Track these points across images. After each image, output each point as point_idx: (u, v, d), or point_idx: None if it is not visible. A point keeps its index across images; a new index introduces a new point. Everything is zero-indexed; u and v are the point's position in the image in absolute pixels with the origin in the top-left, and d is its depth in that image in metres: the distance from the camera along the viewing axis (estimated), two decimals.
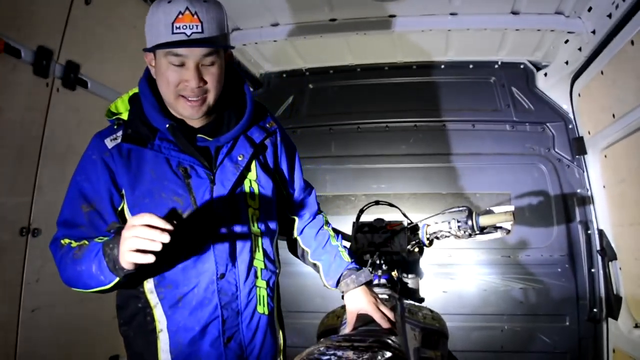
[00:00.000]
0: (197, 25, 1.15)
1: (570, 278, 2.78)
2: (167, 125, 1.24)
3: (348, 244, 1.93)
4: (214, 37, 1.18)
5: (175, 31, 1.14)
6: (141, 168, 1.25)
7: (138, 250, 1.01)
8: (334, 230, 1.62)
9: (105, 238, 1.16)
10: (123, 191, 1.25)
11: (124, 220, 1.24)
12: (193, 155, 1.26)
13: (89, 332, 2.12)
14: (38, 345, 1.81)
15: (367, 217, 2.04)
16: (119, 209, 1.26)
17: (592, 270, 2.75)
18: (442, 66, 3.18)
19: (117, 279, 1.12)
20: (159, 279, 1.27)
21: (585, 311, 2.74)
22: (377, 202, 2.11)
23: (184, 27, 1.14)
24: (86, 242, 1.19)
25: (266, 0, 2.54)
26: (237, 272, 1.30)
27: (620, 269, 2.57)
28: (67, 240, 1.22)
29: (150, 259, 1.01)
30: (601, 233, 2.69)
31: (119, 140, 1.26)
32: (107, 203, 1.24)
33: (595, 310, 2.71)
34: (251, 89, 1.52)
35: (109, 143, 1.25)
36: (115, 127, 1.29)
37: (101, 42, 2.05)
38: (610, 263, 2.62)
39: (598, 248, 2.72)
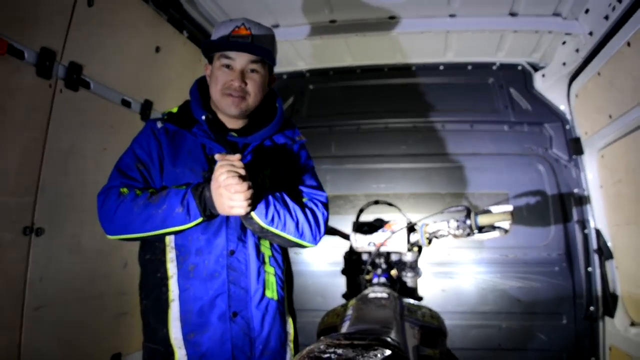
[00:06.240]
0: (248, 37, 1.41)
1: (568, 277, 2.80)
2: (204, 117, 1.43)
3: (348, 244, 1.96)
4: (260, 49, 1.42)
5: (230, 40, 1.41)
6: (181, 147, 1.46)
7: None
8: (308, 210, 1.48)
9: (182, 186, 1.33)
10: (163, 162, 1.45)
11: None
12: (222, 144, 1.43)
13: (92, 330, 2.13)
14: (41, 343, 1.82)
15: (366, 217, 2.06)
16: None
17: (589, 269, 2.77)
18: (441, 67, 3.20)
19: (201, 218, 1.29)
20: (179, 247, 1.41)
21: (582, 310, 2.76)
22: (376, 202, 2.13)
23: (238, 37, 1.41)
24: (155, 191, 1.36)
25: (267, 1, 2.55)
26: (247, 252, 1.43)
27: (616, 267, 2.60)
28: (126, 190, 1.35)
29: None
30: (598, 232, 2.72)
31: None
32: (157, 167, 1.44)
33: (592, 308, 2.73)
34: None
35: (159, 124, 1.49)
36: (165, 117, 1.51)
37: (104, 43, 2.06)
38: (606, 262, 2.65)
39: (595, 247, 2.74)
